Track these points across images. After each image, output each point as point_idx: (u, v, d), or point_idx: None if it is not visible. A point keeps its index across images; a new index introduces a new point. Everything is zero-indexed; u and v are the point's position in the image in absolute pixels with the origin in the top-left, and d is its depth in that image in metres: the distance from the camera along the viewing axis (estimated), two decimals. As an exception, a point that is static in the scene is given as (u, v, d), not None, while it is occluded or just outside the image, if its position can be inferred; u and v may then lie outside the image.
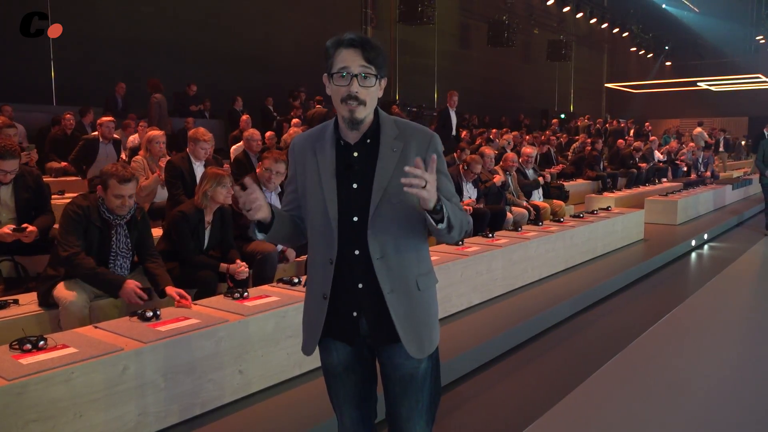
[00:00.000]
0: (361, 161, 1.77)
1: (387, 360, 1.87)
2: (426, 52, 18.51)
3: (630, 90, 26.57)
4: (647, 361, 4.04)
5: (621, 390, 3.57)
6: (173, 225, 3.97)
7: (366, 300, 1.80)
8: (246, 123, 9.15)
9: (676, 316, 5.00)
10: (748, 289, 5.95)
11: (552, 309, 4.74)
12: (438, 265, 4.38)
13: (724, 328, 4.75)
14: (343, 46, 1.73)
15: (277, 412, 2.93)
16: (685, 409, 3.32)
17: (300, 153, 1.87)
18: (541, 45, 22.06)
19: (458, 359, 3.72)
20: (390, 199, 1.74)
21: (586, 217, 6.81)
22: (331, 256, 1.78)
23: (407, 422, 1.88)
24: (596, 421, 3.17)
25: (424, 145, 1.80)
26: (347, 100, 1.70)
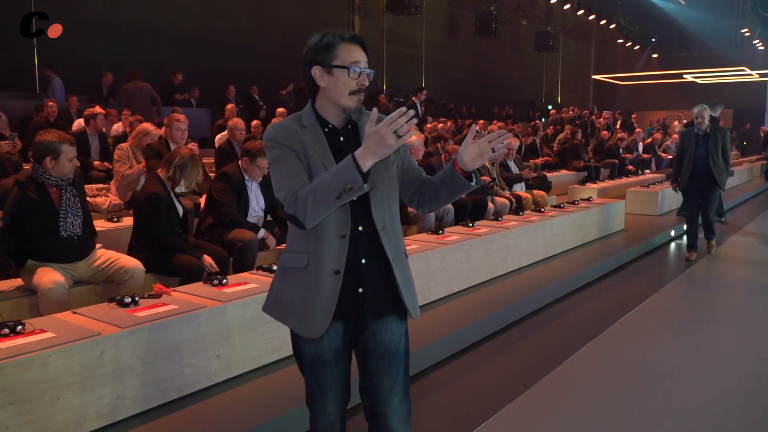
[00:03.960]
0: (348, 143, 1.90)
1: (372, 336, 1.94)
2: (413, 43, 18.51)
3: (617, 82, 26.72)
4: (621, 348, 4.13)
5: (594, 375, 3.66)
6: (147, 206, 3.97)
7: (369, 274, 1.89)
8: (231, 112, 9.15)
9: (651, 304, 5.10)
10: (725, 278, 6.07)
11: (529, 297, 4.82)
12: (418, 253, 4.44)
13: (698, 316, 4.86)
14: (346, 41, 1.86)
15: (255, 396, 2.98)
16: (657, 395, 3.41)
17: (291, 135, 1.86)
18: (528, 36, 22.11)
19: (436, 345, 3.80)
20: (381, 176, 1.88)
21: (567, 208, 6.89)
22: (343, 230, 1.85)
23: (389, 394, 1.95)
24: (568, 405, 3.25)
25: None
26: (358, 92, 1.85)
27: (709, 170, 6.37)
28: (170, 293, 3.25)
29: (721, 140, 6.42)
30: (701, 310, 5.01)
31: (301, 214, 1.77)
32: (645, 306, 5.02)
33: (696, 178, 6.47)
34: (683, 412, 3.18)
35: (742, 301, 5.28)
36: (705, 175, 6.39)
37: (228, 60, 13.05)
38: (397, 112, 1.64)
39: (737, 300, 5.31)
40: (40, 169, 3.49)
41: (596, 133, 15.55)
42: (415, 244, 4.73)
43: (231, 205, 4.54)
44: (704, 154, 6.40)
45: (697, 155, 6.44)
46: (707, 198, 6.56)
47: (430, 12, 18.06)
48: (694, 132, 6.49)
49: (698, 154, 6.43)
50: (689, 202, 6.75)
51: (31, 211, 3.46)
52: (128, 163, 5.59)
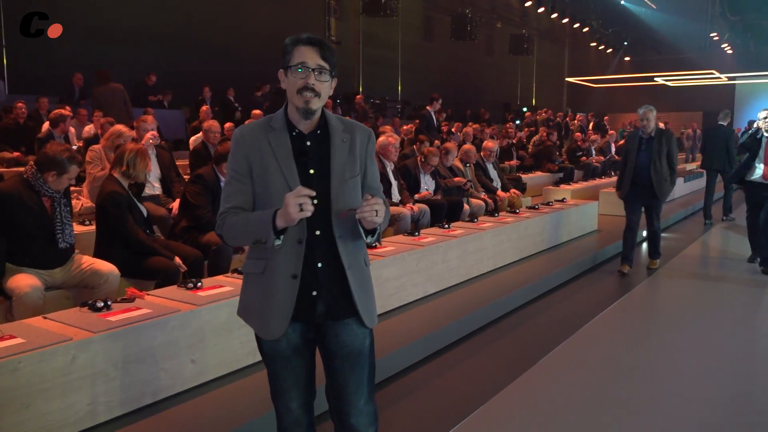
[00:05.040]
0: (314, 149, 1.93)
1: (334, 338, 1.96)
2: (390, 45, 18.56)
3: (590, 84, 27.06)
4: (594, 347, 4.19)
5: (568, 374, 3.71)
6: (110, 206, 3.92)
7: (325, 279, 1.92)
8: (206, 114, 9.07)
9: (624, 303, 5.18)
10: (695, 277, 6.19)
11: (504, 297, 4.86)
12: (394, 255, 4.45)
13: (669, 315, 4.94)
14: (301, 43, 1.89)
15: (230, 400, 2.97)
16: (630, 392, 3.46)
17: (253, 142, 1.92)
18: (503, 39, 22.32)
19: (412, 346, 3.82)
20: (345, 183, 1.92)
21: (541, 209, 6.97)
22: (300, 235, 1.88)
23: (354, 395, 1.97)
24: (543, 405, 3.29)
25: (365, 139, 2.02)
26: (303, 91, 1.86)
27: (650, 178, 5.78)
28: (144, 297, 3.21)
29: (666, 145, 5.82)
30: (672, 309, 5.11)
31: (225, 239, 1.95)
32: (617, 305, 5.10)
33: (638, 185, 5.89)
34: (655, 410, 3.23)
35: (712, 298, 5.39)
36: (647, 182, 5.81)
37: (203, 61, 12.94)
38: (307, 192, 1.70)
39: (708, 298, 5.41)
40: (41, 179, 3.49)
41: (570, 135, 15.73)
42: (392, 245, 4.74)
43: (206, 207, 4.50)
44: (647, 159, 5.81)
45: (639, 160, 5.86)
46: (650, 210, 6.04)
47: (406, 14, 18.12)
48: (638, 135, 5.95)
49: (640, 160, 5.85)
50: (629, 211, 6.10)
51: (25, 216, 3.44)
52: (101, 165, 5.51)
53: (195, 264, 4.11)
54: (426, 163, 6.43)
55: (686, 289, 5.71)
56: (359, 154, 1.98)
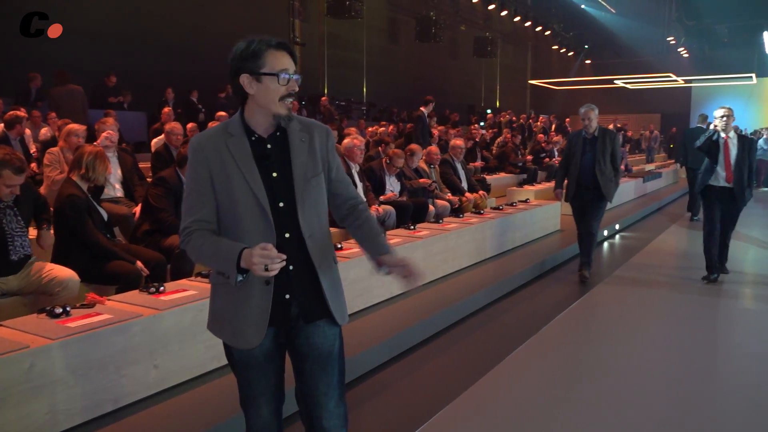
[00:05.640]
0: (275, 152, 1.91)
1: (305, 340, 1.95)
2: (355, 46, 18.56)
3: (552, 86, 27.51)
4: (556, 347, 4.27)
5: (532, 373, 3.77)
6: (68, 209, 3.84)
7: (297, 281, 1.91)
8: (168, 116, 8.93)
9: (585, 302, 5.28)
10: (653, 275, 6.34)
11: (469, 298, 4.91)
12: (359, 256, 4.45)
13: (629, 313, 5.06)
14: (273, 48, 1.86)
15: (195, 406, 2.93)
16: (591, 390, 3.54)
17: (211, 151, 1.88)
18: (467, 41, 22.52)
19: (378, 348, 3.83)
20: (309, 183, 1.91)
21: (505, 209, 7.06)
22: (270, 242, 1.83)
23: (325, 397, 1.97)
24: (507, 403, 3.34)
25: (324, 137, 2.00)
26: (287, 98, 1.86)
27: (596, 179, 5.62)
28: (104, 302, 3.15)
29: (610, 145, 5.68)
30: (633, 308, 5.22)
31: (189, 255, 1.91)
32: (579, 304, 5.20)
33: (582, 187, 5.74)
34: (612, 407, 3.31)
35: (672, 297, 5.53)
36: (591, 184, 5.66)
37: (165, 62, 12.72)
38: (278, 256, 1.70)
39: (667, 297, 5.55)
40: None
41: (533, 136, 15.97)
42: (357, 247, 4.73)
43: (168, 210, 4.44)
44: (590, 160, 5.65)
45: (583, 161, 5.69)
46: (592, 211, 5.80)
47: (371, 16, 18.14)
48: (581, 135, 5.79)
49: (584, 161, 5.68)
50: (577, 217, 5.94)
51: None
52: (59, 168, 5.39)
53: (157, 268, 4.04)
54: (391, 165, 6.45)
55: (643, 289, 5.85)
56: (320, 152, 1.96)
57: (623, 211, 9.98)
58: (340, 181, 2.05)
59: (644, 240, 8.23)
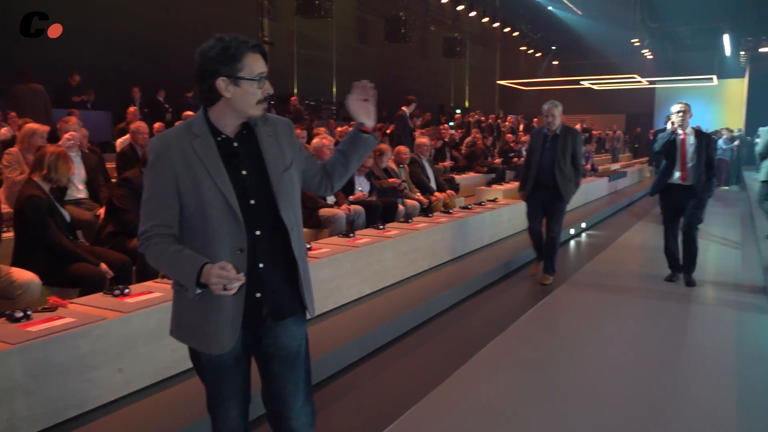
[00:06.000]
0: (243, 150, 1.90)
1: (273, 341, 1.94)
2: (324, 46, 18.48)
3: (520, 87, 27.82)
4: (523, 344, 4.32)
5: (499, 371, 3.81)
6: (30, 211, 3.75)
7: (268, 279, 1.89)
8: (133, 115, 8.79)
9: (550, 301, 5.36)
10: (618, 274, 6.46)
11: (438, 297, 4.95)
12: (329, 256, 4.45)
13: (593, 312, 5.14)
14: (250, 50, 1.83)
15: (161, 409, 2.89)
16: (556, 387, 3.59)
17: (177, 151, 1.84)
18: (437, 42, 22.62)
19: (347, 347, 3.83)
20: (282, 178, 1.91)
21: (474, 209, 7.11)
22: (241, 244, 1.83)
23: (292, 397, 1.96)
24: (475, 401, 3.37)
25: (287, 130, 2.02)
26: (264, 101, 1.87)
27: (554, 178, 5.44)
28: (66, 305, 3.09)
29: (572, 144, 5.47)
30: (598, 307, 5.31)
31: (148, 261, 1.88)
32: (545, 302, 5.27)
33: (541, 187, 5.54)
34: (581, 405, 3.37)
35: (637, 295, 5.64)
36: (550, 183, 5.46)
37: (131, 61, 12.49)
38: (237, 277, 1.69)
39: (631, 295, 5.66)
40: None
41: (501, 136, 16.12)
42: (326, 247, 4.74)
43: (133, 211, 4.36)
44: (551, 158, 5.46)
45: (543, 160, 5.49)
46: (552, 213, 5.61)
47: (340, 16, 18.09)
48: (543, 132, 5.59)
49: (544, 159, 5.49)
50: (531, 214, 5.75)
51: None
52: (19, 169, 5.26)
53: (122, 270, 3.98)
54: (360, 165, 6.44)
55: (607, 287, 5.95)
56: (286, 146, 1.97)
57: (590, 210, 10.15)
58: (313, 164, 2.09)
59: (610, 238, 8.38)
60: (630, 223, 9.72)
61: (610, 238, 8.35)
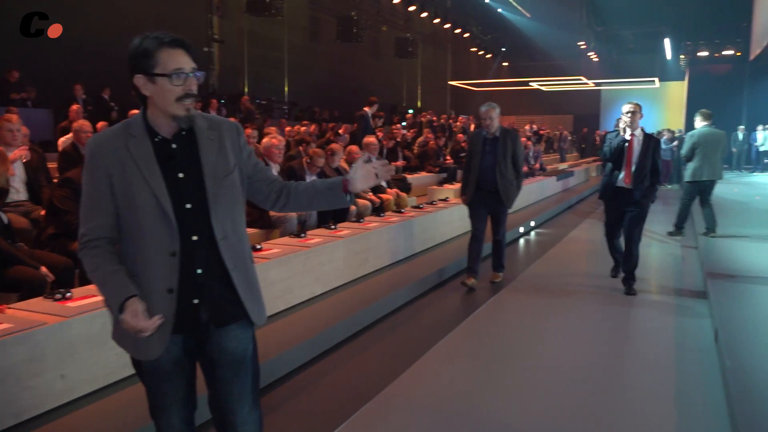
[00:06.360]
0: (181, 152, 1.84)
1: (216, 346, 1.90)
2: (275, 45, 18.31)
3: (472, 88, 28.19)
4: (474, 341, 4.39)
5: (449, 368, 3.86)
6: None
7: (206, 284, 1.85)
8: (76, 113, 8.52)
9: (502, 296, 5.45)
10: (566, 268, 6.63)
11: (390, 295, 4.97)
12: (279, 257, 4.42)
13: (541, 308, 5.25)
14: (167, 46, 1.77)
15: (104, 416, 2.82)
16: (507, 384, 3.66)
17: (111, 152, 1.80)
18: (389, 42, 22.71)
19: (299, 348, 3.81)
20: (220, 183, 1.85)
21: (426, 208, 7.18)
22: (173, 248, 1.80)
23: (238, 403, 1.93)
24: (426, 399, 3.40)
25: (234, 133, 1.95)
26: (185, 98, 1.78)
27: (496, 182, 5.34)
28: (4, 311, 2.98)
29: (512, 146, 5.36)
30: (545, 303, 5.43)
31: (84, 268, 1.84)
32: (494, 300, 5.36)
33: (482, 190, 5.42)
34: (531, 398, 3.44)
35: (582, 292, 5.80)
36: (491, 187, 5.37)
37: (74, 57, 12.08)
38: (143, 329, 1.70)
39: (577, 292, 5.82)
40: None
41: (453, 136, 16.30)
42: (277, 248, 4.70)
43: (75, 213, 4.23)
44: (491, 161, 5.34)
45: (483, 163, 5.37)
46: (495, 217, 5.55)
47: (292, 14, 17.96)
48: (482, 134, 5.44)
49: (485, 162, 5.36)
50: (474, 219, 5.59)
51: None
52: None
53: (64, 273, 3.85)
54: (312, 165, 6.42)
55: (560, 278, 6.10)
56: (231, 151, 1.91)
57: (539, 208, 10.38)
58: (260, 172, 2.01)
59: (558, 236, 8.59)
60: (576, 221, 9.98)
61: (558, 236, 8.55)
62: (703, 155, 7.62)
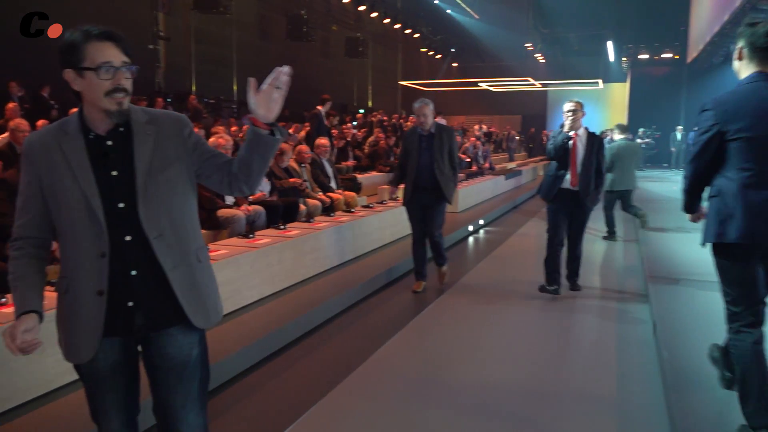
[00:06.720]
0: (116, 149, 1.80)
1: (157, 351, 1.86)
2: (224, 43, 18.02)
3: (422, 88, 28.38)
4: (422, 341, 4.43)
5: (397, 369, 3.88)
6: None
7: (141, 286, 1.79)
8: (13, 112, 8.19)
9: (445, 299, 5.50)
10: (513, 265, 6.75)
11: (341, 295, 4.97)
12: (227, 258, 4.37)
13: (487, 307, 5.34)
14: (95, 39, 1.72)
15: (43, 425, 2.73)
16: (452, 386, 3.70)
17: (42, 151, 1.77)
18: (339, 41, 22.66)
19: (247, 349, 3.77)
20: (155, 180, 1.79)
21: (376, 207, 7.20)
22: (102, 248, 1.75)
23: (182, 410, 1.89)
24: (374, 400, 3.41)
25: (177, 126, 1.89)
26: (114, 93, 1.72)
27: (434, 179, 5.21)
28: None
29: (448, 142, 5.28)
30: (493, 302, 5.52)
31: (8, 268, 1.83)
32: (440, 301, 5.42)
33: (420, 189, 5.29)
34: (474, 402, 3.50)
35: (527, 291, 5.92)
36: (430, 185, 5.24)
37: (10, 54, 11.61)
38: (14, 350, 1.70)
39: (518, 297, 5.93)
40: None
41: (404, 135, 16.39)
42: (225, 248, 4.64)
43: (11, 215, 4.07)
44: (429, 159, 5.24)
45: (420, 161, 5.25)
46: (431, 213, 5.36)
47: (240, 12, 17.71)
48: (417, 132, 5.33)
49: (422, 160, 5.25)
50: (413, 222, 5.49)
51: None
52: None
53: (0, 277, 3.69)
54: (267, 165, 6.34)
55: (508, 274, 6.21)
56: (173, 143, 1.84)
57: (487, 207, 10.55)
58: (208, 161, 1.89)
59: (505, 233, 8.75)
60: (523, 220, 10.18)
61: (506, 234, 8.71)
62: (621, 167, 7.93)
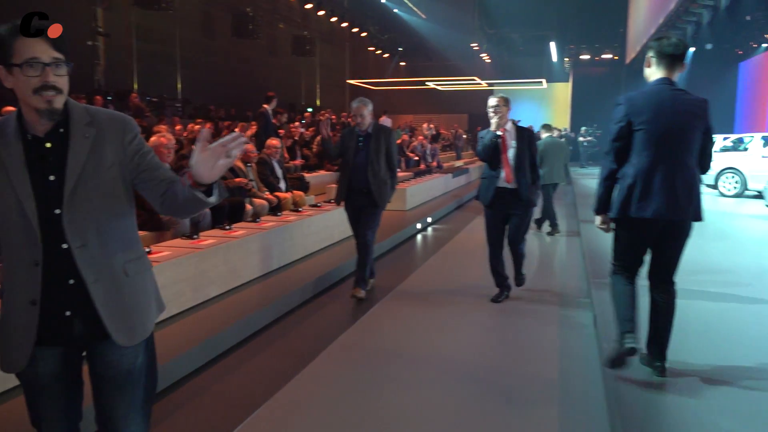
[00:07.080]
0: (55, 152, 1.71)
1: (99, 359, 1.81)
2: (167, 40, 17.60)
3: (370, 87, 28.45)
4: (369, 340, 4.44)
5: (343, 370, 3.88)
6: None
7: (78, 296, 1.73)
8: (-60, 110, 7.78)
9: (399, 291, 5.55)
10: (460, 262, 6.85)
11: (288, 295, 4.94)
12: (170, 260, 4.28)
13: (438, 298, 5.40)
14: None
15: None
16: (400, 383, 3.73)
17: None
18: (286, 40, 22.47)
19: (191, 352, 3.71)
20: (86, 186, 1.71)
21: (324, 206, 7.18)
22: (35, 257, 1.68)
23: (125, 419, 1.84)
24: (320, 401, 3.40)
25: (119, 129, 1.80)
26: (42, 90, 1.64)
27: (368, 181, 4.99)
28: None
29: (385, 143, 5.04)
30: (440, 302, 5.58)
31: None
32: (396, 291, 5.45)
33: (354, 190, 5.08)
34: (421, 398, 3.53)
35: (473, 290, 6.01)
36: (364, 187, 5.01)
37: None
38: None
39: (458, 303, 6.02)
40: None
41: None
42: (168, 250, 4.54)
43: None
44: (364, 159, 5.01)
45: (356, 161, 5.02)
46: (365, 218, 5.11)
47: (184, 9, 17.31)
48: (355, 131, 5.11)
49: (357, 160, 5.02)
50: (350, 221, 5.33)
51: None
52: None
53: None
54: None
55: (456, 271, 6.29)
56: (113, 149, 1.75)
57: (435, 205, 10.67)
58: (146, 171, 1.79)
59: (453, 230, 8.87)
60: (471, 217, 10.33)
61: (453, 231, 8.83)
62: (548, 162, 8.36)
